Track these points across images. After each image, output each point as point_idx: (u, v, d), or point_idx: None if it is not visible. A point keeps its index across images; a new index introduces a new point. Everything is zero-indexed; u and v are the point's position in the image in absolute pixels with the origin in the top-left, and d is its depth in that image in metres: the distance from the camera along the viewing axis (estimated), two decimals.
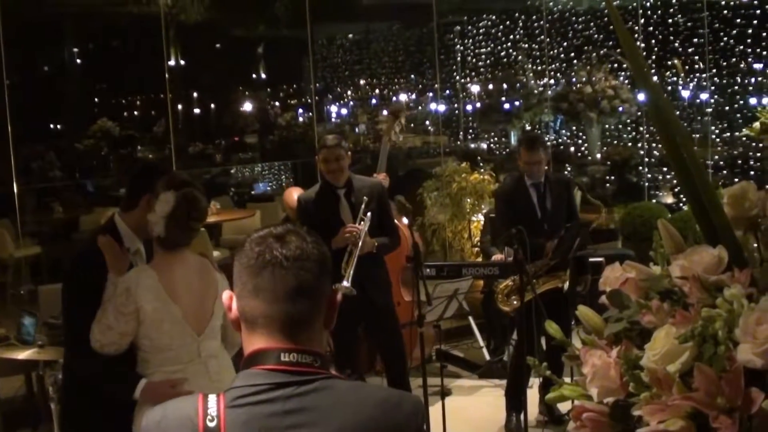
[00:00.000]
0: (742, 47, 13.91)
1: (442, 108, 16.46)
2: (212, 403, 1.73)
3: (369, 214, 5.83)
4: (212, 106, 19.76)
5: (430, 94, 16.82)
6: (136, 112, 19.12)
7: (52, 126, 16.76)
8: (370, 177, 6.40)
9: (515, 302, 6.27)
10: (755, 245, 1.53)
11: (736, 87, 14.21)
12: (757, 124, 4.73)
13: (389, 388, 2.73)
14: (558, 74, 15.34)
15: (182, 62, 15.65)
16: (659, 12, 14.50)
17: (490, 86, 16.05)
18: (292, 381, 1.74)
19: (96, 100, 17.92)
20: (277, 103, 19.90)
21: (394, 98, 18.33)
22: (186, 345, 3.69)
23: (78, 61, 17.52)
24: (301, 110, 19.04)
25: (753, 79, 13.97)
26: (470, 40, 16.51)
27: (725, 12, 13.96)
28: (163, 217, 3.62)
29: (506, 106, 15.36)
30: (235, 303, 1.84)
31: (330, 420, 1.70)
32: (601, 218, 9.81)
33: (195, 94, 18.64)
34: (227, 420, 1.70)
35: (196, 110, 19.26)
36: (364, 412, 1.74)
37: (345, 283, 5.51)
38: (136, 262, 3.88)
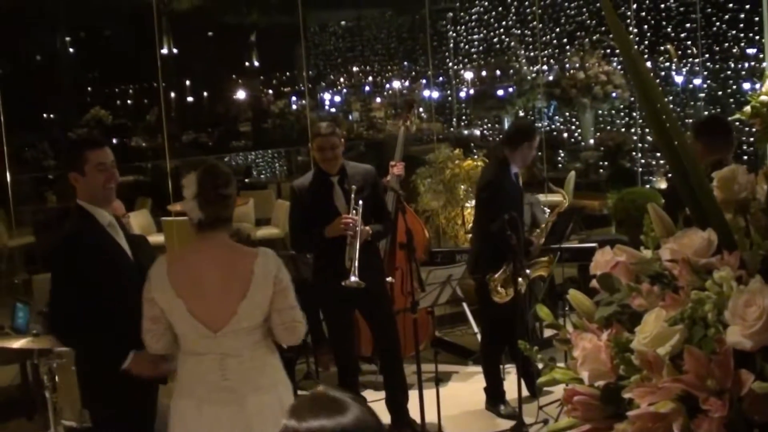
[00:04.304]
0: (734, 32, 13.90)
1: (435, 95, 16.45)
2: None
3: (361, 202, 5.81)
4: (205, 94, 19.75)
5: (424, 81, 16.80)
6: (128, 101, 19.11)
7: (45, 115, 16.77)
8: (363, 164, 6.36)
9: (510, 292, 6.26)
10: (745, 228, 1.53)
11: (729, 72, 14.20)
12: (748, 108, 4.76)
13: None
14: (551, 60, 15.32)
15: (175, 50, 15.62)
16: None
17: (483, 73, 16.04)
18: None
19: (89, 89, 17.91)
20: (270, 91, 19.88)
21: (387, 85, 18.31)
22: (200, 338, 3.58)
23: (71, 50, 17.50)
24: (294, 98, 19.02)
25: (746, 64, 13.95)
26: (463, 27, 16.48)
27: None
28: (192, 199, 3.58)
29: (499, 92, 15.36)
30: None
31: None
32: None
33: (188, 83, 18.63)
34: None
35: (189, 98, 19.25)
36: None
37: (353, 278, 5.53)
38: (115, 234, 3.95)
